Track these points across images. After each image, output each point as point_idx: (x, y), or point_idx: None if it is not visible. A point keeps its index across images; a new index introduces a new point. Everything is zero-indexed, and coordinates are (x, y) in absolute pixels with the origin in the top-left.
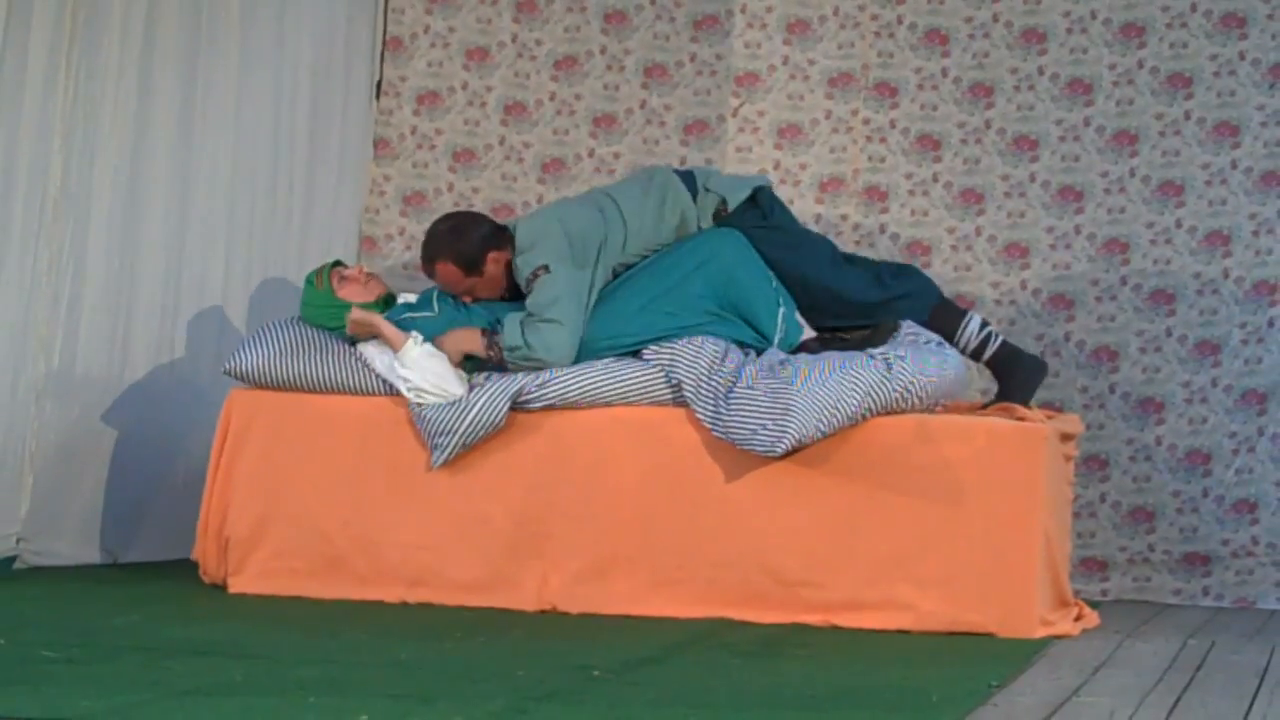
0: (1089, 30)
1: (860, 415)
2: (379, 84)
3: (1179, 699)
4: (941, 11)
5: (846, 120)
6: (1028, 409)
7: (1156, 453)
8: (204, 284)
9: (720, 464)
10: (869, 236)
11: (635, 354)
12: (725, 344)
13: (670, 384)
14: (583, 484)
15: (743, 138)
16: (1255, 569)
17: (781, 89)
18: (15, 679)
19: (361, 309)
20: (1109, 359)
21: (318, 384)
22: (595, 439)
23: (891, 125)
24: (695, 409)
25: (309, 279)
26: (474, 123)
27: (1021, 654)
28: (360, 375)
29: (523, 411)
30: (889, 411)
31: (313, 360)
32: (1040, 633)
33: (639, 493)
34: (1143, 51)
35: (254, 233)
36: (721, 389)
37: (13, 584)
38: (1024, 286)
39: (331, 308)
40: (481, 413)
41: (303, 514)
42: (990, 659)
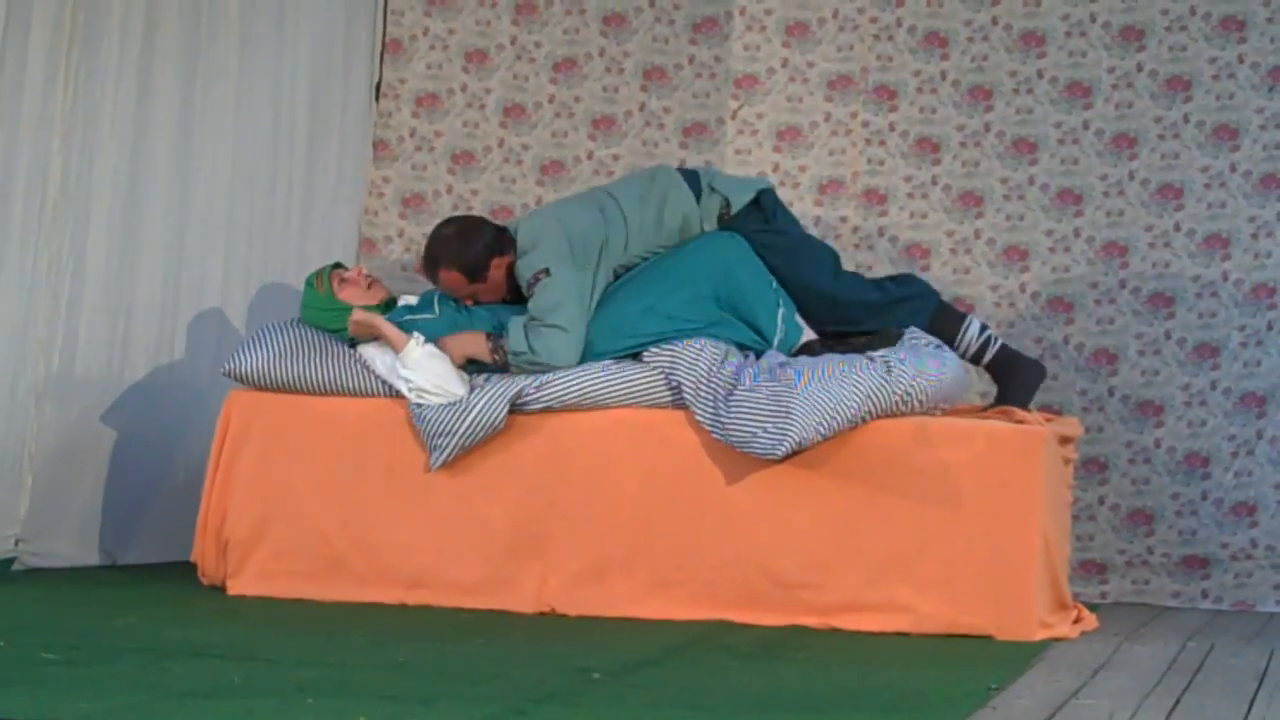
0: (1088, 33)
1: (860, 418)
2: (378, 86)
3: (1178, 702)
4: (940, 14)
5: (846, 123)
6: (1027, 412)
7: (1155, 455)
8: (203, 285)
9: (720, 466)
10: (868, 239)
11: (635, 356)
12: (725, 346)
13: (670, 386)
14: (582, 486)
15: (742, 140)
16: (1254, 572)
17: (780, 91)
18: (14, 680)
19: (363, 311)
20: (1108, 362)
21: (317, 386)
22: (595, 441)
23: (891, 128)
24: (695, 411)
25: (309, 281)
26: (473, 125)
27: (1020, 656)
28: (360, 377)
29: (522, 413)
30: (889, 414)
31: (312, 362)
32: (1039, 635)
33: (638, 495)
34: (1142, 54)
35: (253, 234)
36: (721, 391)
37: (12, 585)
38: (1023, 289)
39: (332, 310)
40: (481, 414)
41: (302, 515)
42: (989, 661)
